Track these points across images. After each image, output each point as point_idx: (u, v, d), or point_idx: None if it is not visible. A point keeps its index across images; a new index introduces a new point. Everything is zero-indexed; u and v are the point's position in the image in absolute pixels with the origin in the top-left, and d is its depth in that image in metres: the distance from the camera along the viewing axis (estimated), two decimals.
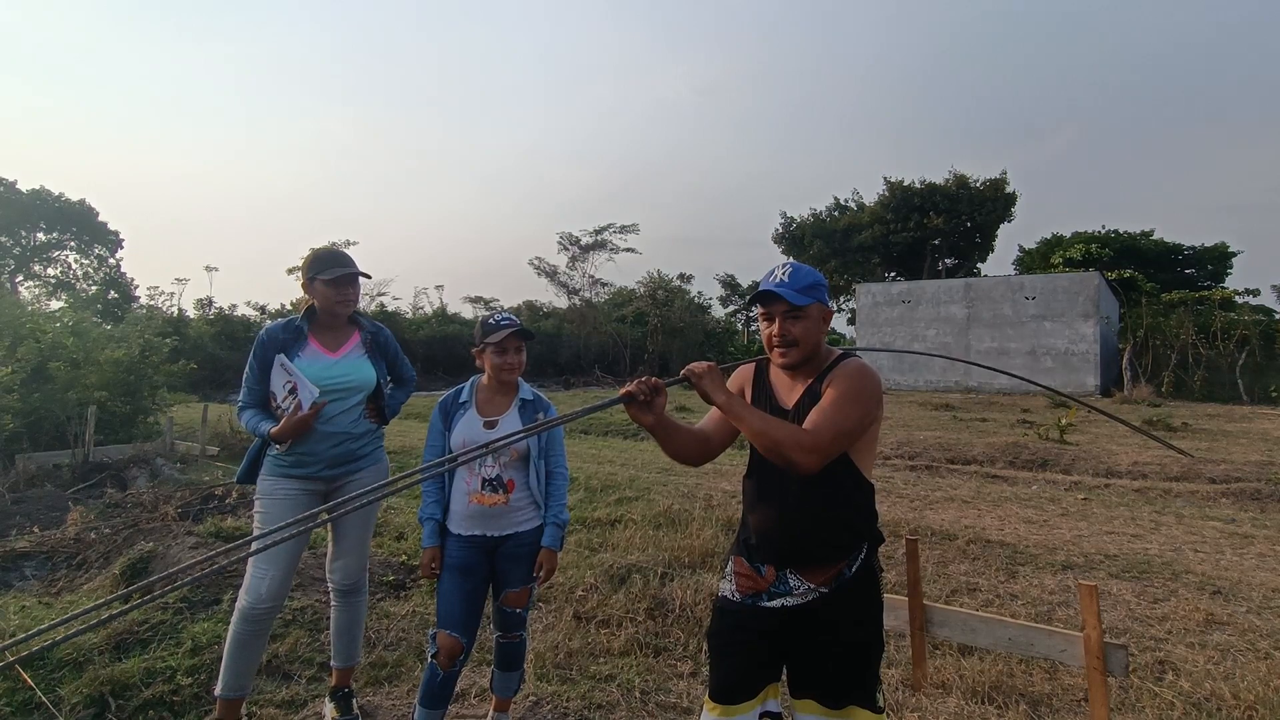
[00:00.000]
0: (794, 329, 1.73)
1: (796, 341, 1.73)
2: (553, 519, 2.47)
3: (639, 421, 1.68)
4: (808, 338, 1.74)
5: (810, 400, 1.73)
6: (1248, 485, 7.21)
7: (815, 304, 1.74)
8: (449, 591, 2.35)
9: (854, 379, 1.69)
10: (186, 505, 5.15)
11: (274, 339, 2.55)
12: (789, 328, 1.73)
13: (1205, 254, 31.05)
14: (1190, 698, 2.79)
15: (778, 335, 1.75)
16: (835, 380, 1.70)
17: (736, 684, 1.77)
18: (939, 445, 9.80)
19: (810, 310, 1.74)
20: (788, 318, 1.73)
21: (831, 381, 1.71)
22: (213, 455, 8.33)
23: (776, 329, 1.74)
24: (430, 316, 31.53)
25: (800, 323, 1.73)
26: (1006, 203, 32.39)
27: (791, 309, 1.72)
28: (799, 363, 1.76)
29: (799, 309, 1.72)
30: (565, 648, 3.23)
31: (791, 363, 1.77)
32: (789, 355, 1.75)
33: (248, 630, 2.44)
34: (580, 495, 6.38)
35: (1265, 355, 19.13)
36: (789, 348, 1.74)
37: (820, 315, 1.77)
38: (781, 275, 1.76)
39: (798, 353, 1.75)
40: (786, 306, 1.72)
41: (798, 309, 1.72)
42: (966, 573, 4.39)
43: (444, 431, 2.47)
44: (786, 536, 1.76)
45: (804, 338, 1.73)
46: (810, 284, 1.74)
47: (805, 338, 1.73)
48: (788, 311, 1.73)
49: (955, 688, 2.89)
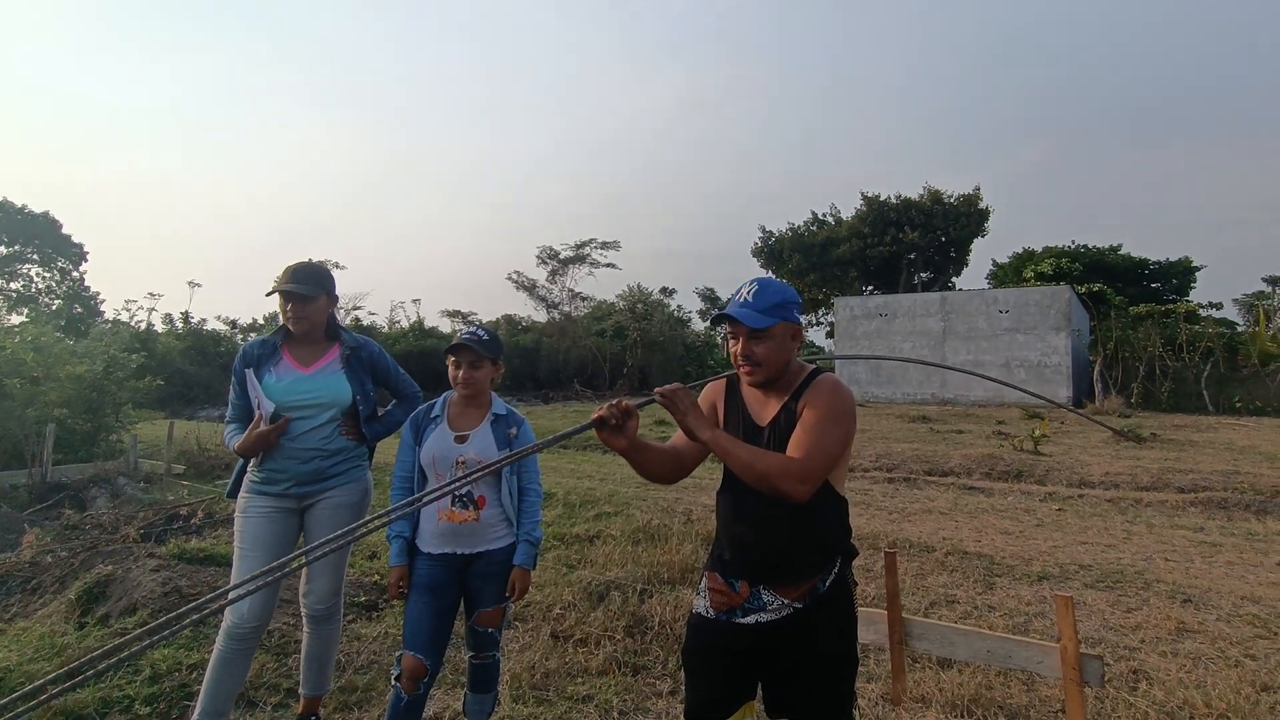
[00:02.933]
0: (758, 349, 1.71)
1: (761, 362, 1.72)
2: (525, 536, 2.43)
3: (612, 446, 1.65)
4: (772, 357, 1.72)
5: (786, 418, 1.72)
6: (1215, 494, 7.34)
7: (780, 323, 1.72)
8: (416, 612, 2.29)
9: (831, 399, 1.68)
10: (149, 526, 4.99)
11: (248, 355, 2.54)
12: (752, 348, 1.72)
13: (1170, 268, 31.88)
14: (1164, 707, 2.81)
15: (742, 355, 1.74)
16: (812, 401, 1.69)
17: (712, 702, 1.74)
18: (917, 457, 9.87)
19: (774, 330, 1.71)
20: (752, 338, 1.72)
21: (808, 402, 1.70)
22: (179, 474, 8.10)
23: (741, 349, 1.73)
24: (407, 330, 31.23)
25: (764, 343, 1.71)
26: (980, 218, 33.03)
27: (754, 330, 1.71)
28: (765, 381, 1.76)
29: (761, 330, 1.70)
30: (542, 668, 3.16)
31: (757, 382, 1.76)
32: (755, 375, 1.75)
33: (232, 648, 2.37)
34: (559, 511, 6.31)
35: (1228, 367, 19.61)
36: (754, 367, 1.73)
37: (787, 334, 1.75)
38: (746, 295, 1.75)
39: (763, 372, 1.74)
40: (749, 328, 1.71)
41: (760, 330, 1.70)
42: (945, 585, 4.39)
43: (414, 446, 2.43)
44: (761, 552, 1.75)
45: (767, 358, 1.72)
46: (776, 303, 1.72)
47: (769, 358, 1.72)
48: (751, 332, 1.72)
49: (935, 701, 2.88)
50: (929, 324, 22.59)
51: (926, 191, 33.11)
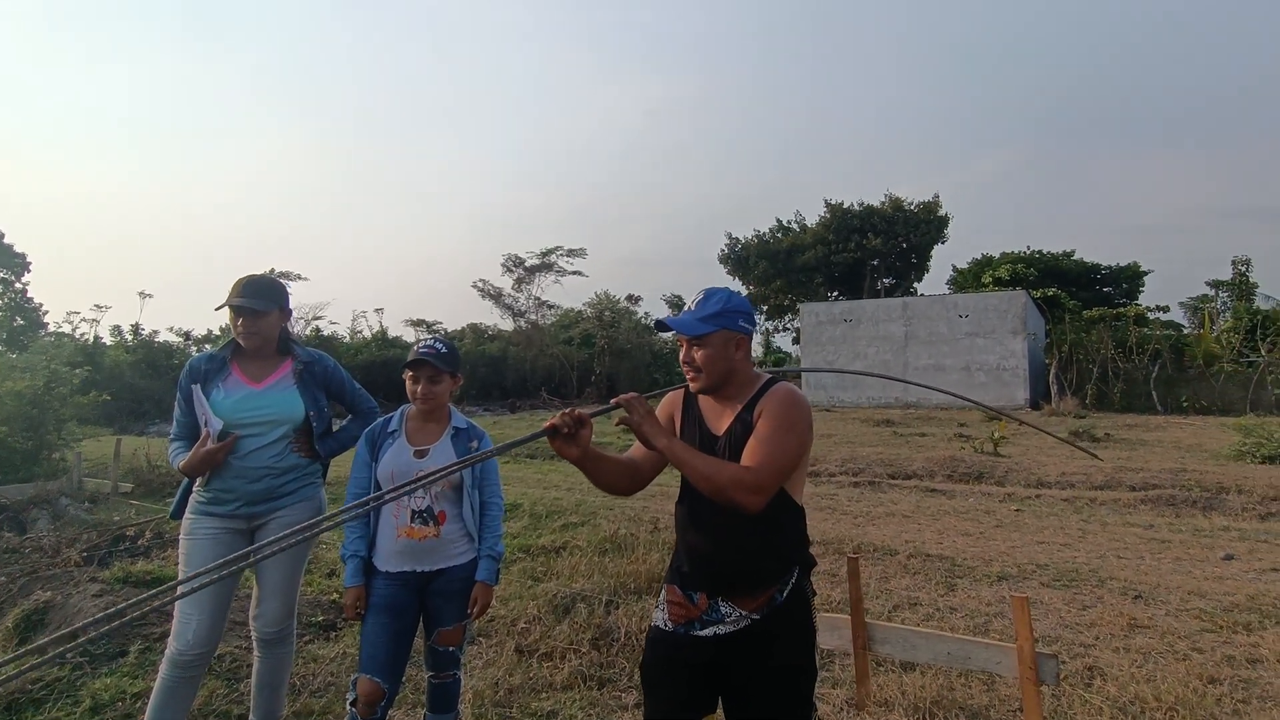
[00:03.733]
0: (697, 355, 1.75)
1: (701, 368, 1.75)
2: (487, 552, 2.38)
3: (564, 455, 1.63)
4: (711, 365, 1.74)
5: (741, 428, 1.73)
6: (1164, 492, 7.61)
7: (719, 331, 1.74)
8: (373, 633, 2.22)
9: (785, 409, 1.69)
10: (93, 549, 4.77)
11: (195, 371, 2.46)
12: (693, 354, 1.75)
13: (1120, 273, 33.09)
14: (1116, 702, 2.88)
15: (683, 361, 1.78)
16: (766, 410, 1.71)
17: (671, 716, 1.73)
18: (881, 461, 10.02)
19: (712, 338, 1.74)
20: (692, 345, 1.75)
21: (762, 411, 1.71)
22: (126, 493, 7.78)
23: (683, 355, 1.78)
24: (369, 340, 30.68)
25: (704, 350, 1.74)
26: (939, 224, 33.86)
27: (695, 337, 1.74)
28: (709, 388, 1.78)
29: (701, 337, 1.74)
30: (506, 684, 3.10)
31: (700, 388, 1.79)
32: (697, 380, 1.77)
33: (175, 676, 2.28)
34: (524, 522, 6.23)
35: (1175, 368, 20.40)
36: (695, 374, 1.76)
37: (729, 342, 1.76)
38: (691, 304, 1.80)
39: (704, 379, 1.76)
40: (692, 334, 1.74)
41: (699, 337, 1.74)
42: (908, 587, 4.45)
43: (369, 463, 2.36)
44: (718, 563, 1.75)
45: (707, 364, 1.74)
46: (715, 312, 1.75)
47: (709, 364, 1.74)
48: (691, 340, 1.75)
49: (898, 704, 2.90)
50: (892, 329, 23.03)
51: (888, 199, 33.85)
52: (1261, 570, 4.86)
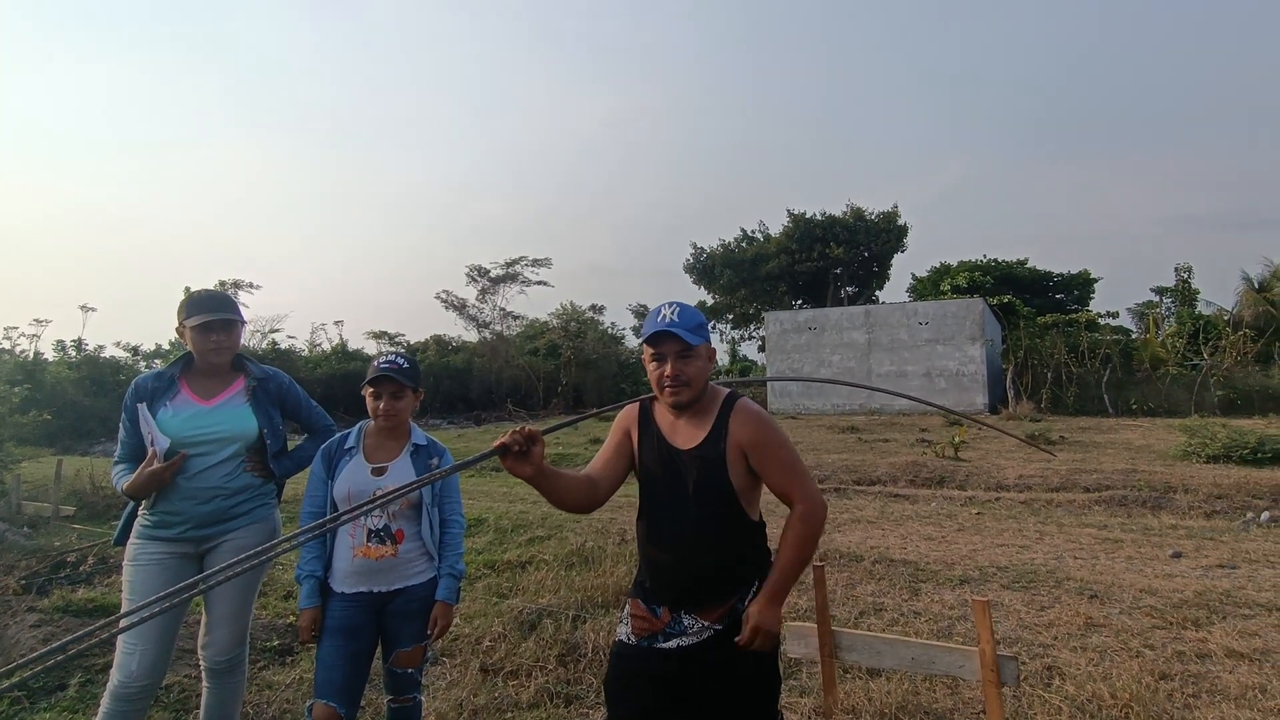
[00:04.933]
0: (687, 369, 1.74)
1: (689, 382, 1.74)
2: (448, 570, 2.32)
3: (517, 474, 1.59)
4: (698, 377, 1.75)
5: (716, 443, 1.73)
6: (1116, 492, 7.86)
7: (704, 344, 1.77)
8: (328, 657, 2.15)
9: (772, 429, 1.76)
10: (31, 576, 4.54)
11: (140, 389, 2.36)
12: (682, 368, 1.74)
13: (1071, 280, 34.20)
14: (1075, 701, 2.94)
15: (670, 376, 1.74)
16: (755, 436, 1.73)
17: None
18: (846, 467, 10.15)
19: (700, 350, 1.75)
20: (680, 358, 1.74)
21: (751, 438, 1.73)
22: (68, 516, 7.44)
23: (670, 370, 1.74)
24: (329, 354, 30.00)
25: (692, 363, 1.74)
26: (899, 234, 34.59)
27: (684, 349, 1.73)
28: (689, 402, 1.77)
29: (691, 349, 1.73)
30: (470, 705, 3.03)
31: (683, 402, 1.77)
32: (681, 395, 1.75)
33: (117, 710, 2.17)
34: (490, 537, 6.14)
35: (1125, 371, 21.14)
36: (682, 388, 1.74)
37: (708, 354, 1.79)
38: (670, 315, 1.76)
39: (690, 393, 1.75)
40: (680, 347, 1.73)
41: (690, 349, 1.73)
42: (873, 593, 4.49)
43: (326, 480, 2.29)
44: (680, 578, 1.75)
45: (696, 378, 1.75)
46: (698, 324, 1.77)
47: (697, 378, 1.75)
48: (680, 352, 1.73)
49: (865, 711, 2.92)
50: (855, 336, 23.42)
51: (849, 209, 34.47)
52: (1208, 567, 5.04)
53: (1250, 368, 19.88)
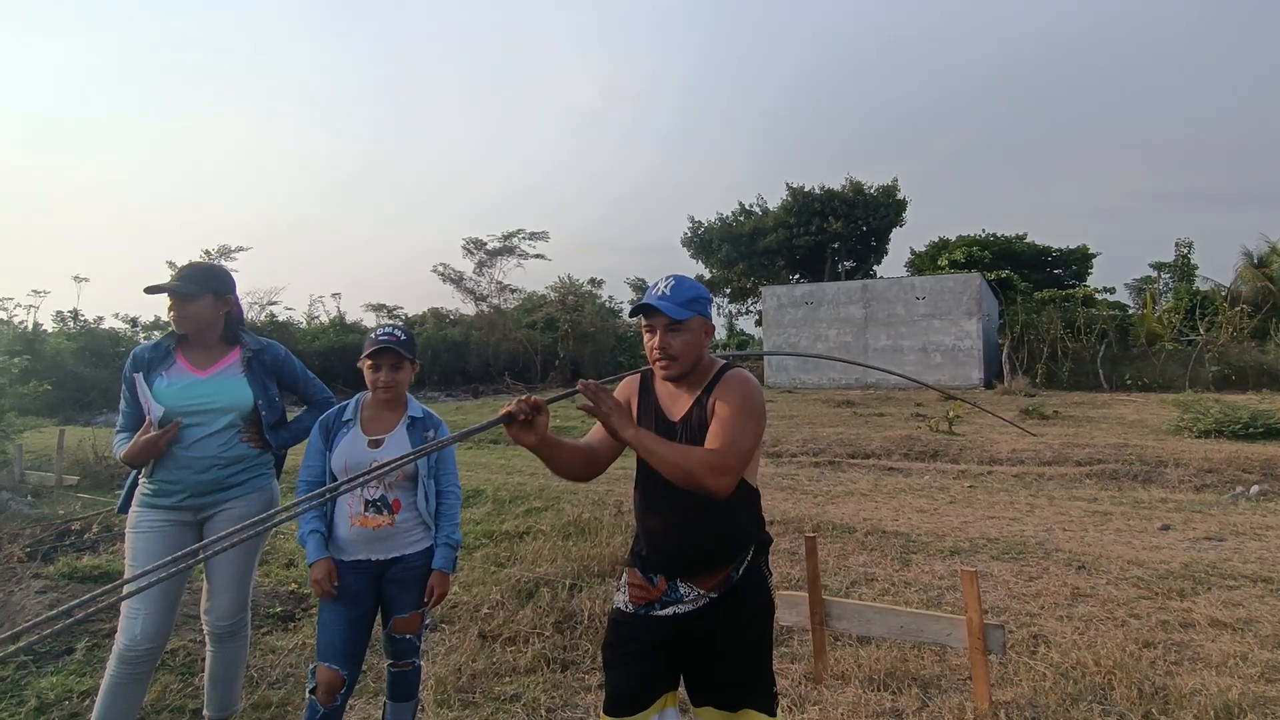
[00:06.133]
0: (674, 342, 1.74)
1: (677, 355, 1.74)
2: (444, 540, 2.36)
3: (521, 442, 1.60)
4: (688, 351, 1.75)
5: (699, 412, 1.75)
6: (1107, 466, 7.94)
7: (696, 317, 1.76)
8: (329, 622, 2.20)
9: (743, 394, 1.72)
10: (37, 544, 4.59)
11: (138, 359, 2.38)
12: (670, 341, 1.74)
13: (1070, 255, 34.11)
14: (1059, 667, 3.01)
15: (658, 349, 1.75)
16: (724, 395, 1.73)
17: (631, 694, 1.76)
18: (840, 441, 10.22)
19: (691, 324, 1.75)
20: (669, 331, 1.74)
21: (720, 396, 1.73)
22: (71, 485, 7.50)
23: (658, 342, 1.75)
24: (327, 326, 29.95)
25: (680, 336, 1.74)
26: (898, 208, 34.35)
27: (672, 323, 1.73)
28: (680, 375, 1.78)
29: (679, 323, 1.73)
30: (469, 670, 3.10)
31: (672, 375, 1.78)
32: (670, 368, 1.76)
33: (123, 673, 2.22)
34: (488, 508, 6.21)
35: (1120, 347, 21.21)
36: (670, 361, 1.75)
37: (701, 328, 1.78)
38: (664, 288, 1.77)
39: (678, 366, 1.76)
40: (667, 320, 1.73)
41: (678, 323, 1.73)
42: (865, 564, 4.57)
43: (323, 452, 2.32)
44: (676, 546, 1.78)
45: (684, 351, 1.74)
46: (691, 298, 1.75)
47: (685, 351, 1.75)
48: (669, 325, 1.73)
49: (854, 677, 2.99)
50: (852, 311, 23.40)
51: (848, 183, 34.17)
52: (1195, 539, 5.12)
53: (1246, 343, 19.94)
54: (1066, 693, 2.80)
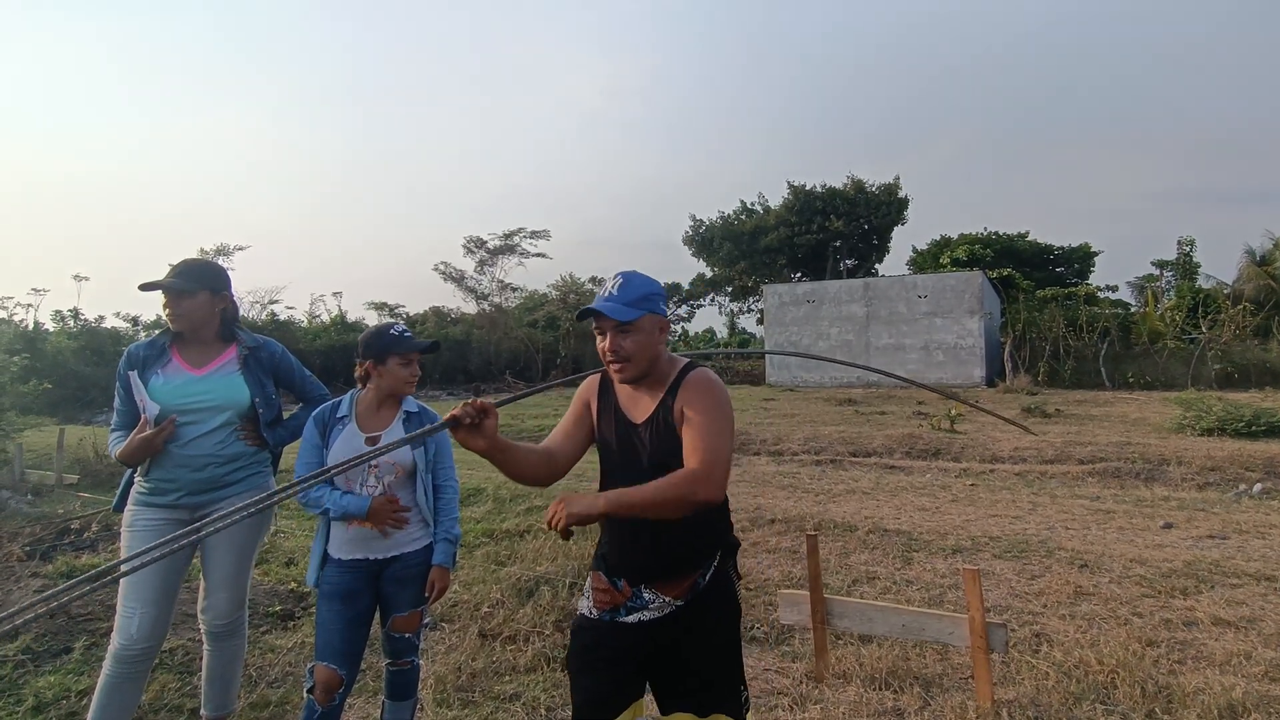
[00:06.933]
0: (626, 344, 1.66)
1: (630, 357, 1.67)
2: (444, 535, 2.35)
3: (469, 447, 1.54)
4: (641, 352, 1.68)
5: (664, 414, 1.69)
6: (1110, 465, 7.92)
7: (647, 316, 1.68)
8: (327, 621, 2.19)
9: (711, 397, 1.66)
10: (36, 543, 4.59)
11: (133, 357, 2.36)
12: (620, 343, 1.67)
13: (1072, 253, 34.04)
14: (1062, 666, 3.00)
15: (610, 352, 1.68)
16: (692, 400, 1.66)
17: (600, 703, 1.72)
18: (842, 439, 10.20)
19: (641, 323, 1.67)
20: (619, 333, 1.66)
21: (687, 401, 1.66)
22: (71, 484, 7.50)
23: (609, 345, 1.68)
24: (328, 325, 29.96)
25: (631, 337, 1.67)
26: (900, 206, 34.31)
27: (621, 325, 1.66)
28: (635, 377, 1.71)
29: (629, 324, 1.66)
30: (468, 669, 3.09)
31: (628, 378, 1.71)
32: (625, 371, 1.70)
33: (119, 672, 2.21)
34: (488, 506, 6.19)
35: (1123, 345, 21.17)
36: (624, 363, 1.68)
37: (654, 327, 1.70)
38: (612, 288, 1.70)
39: (633, 368, 1.69)
40: (615, 322, 1.66)
41: (628, 324, 1.65)
42: (866, 562, 4.55)
43: (320, 447, 2.30)
44: (640, 552, 1.73)
45: (637, 352, 1.67)
46: (641, 296, 1.68)
47: (638, 352, 1.68)
48: (618, 327, 1.66)
49: (855, 676, 2.97)
50: (853, 310, 23.38)
51: (850, 181, 34.12)
52: (1198, 538, 5.10)
53: (1249, 341, 19.89)
54: (1069, 691, 2.78)
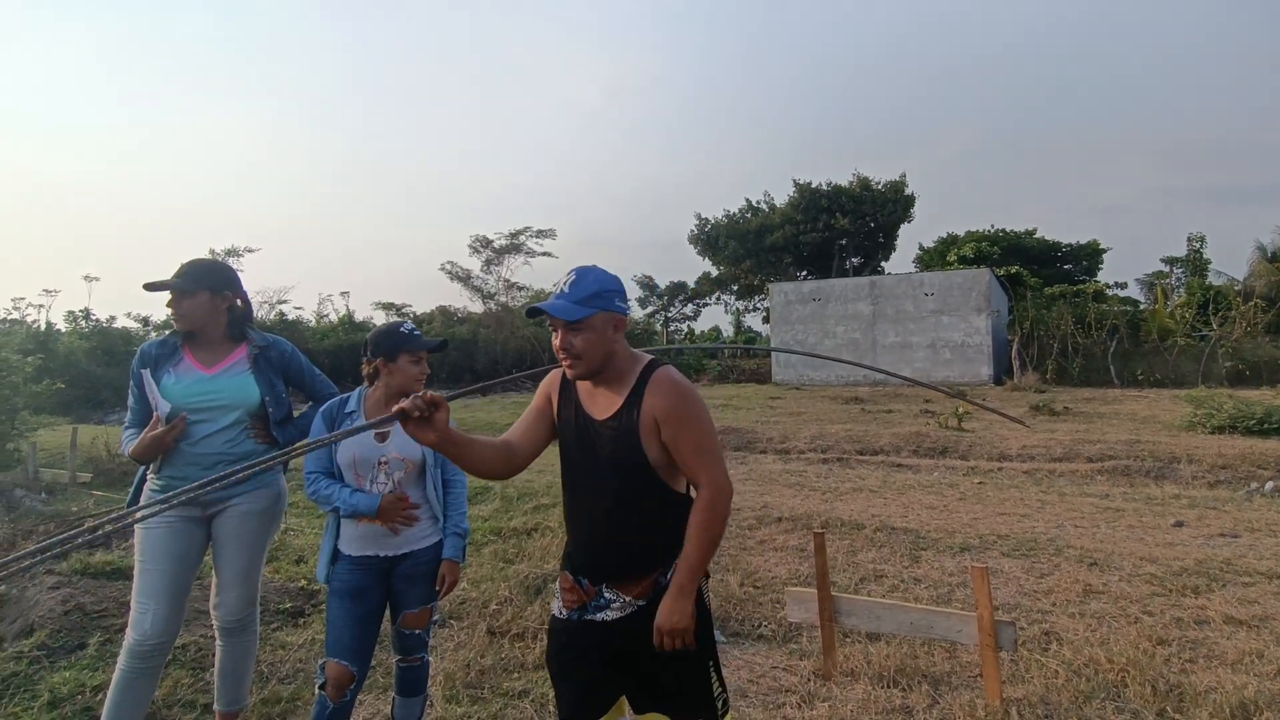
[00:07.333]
0: (576, 341, 1.66)
1: (581, 355, 1.67)
2: (453, 529, 2.38)
3: (420, 440, 1.54)
4: (592, 350, 1.67)
5: (628, 416, 1.68)
6: (1119, 463, 7.87)
7: (598, 314, 1.66)
8: (338, 618, 2.21)
9: (686, 404, 1.67)
10: (49, 541, 4.63)
11: (145, 356, 2.40)
12: (571, 340, 1.66)
13: (1080, 251, 33.81)
14: (1071, 665, 2.99)
15: (561, 348, 1.68)
16: (667, 412, 1.65)
17: (581, 703, 1.73)
18: (849, 438, 10.18)
19: (592, 321, 1.65)
20: (569, 330, 1.66)
21: (663, 413, 1.65)
22: (84, 482, 7.57)
23: (560, 341, 1.67)
24: (336, 325, 30.09)
25: (582, 335, 1.65)
26: (906, 204, 34.15)
27: (569, 323, 1.65)
28: (587, 374, 1.71)
29: (577, 322, 1.64)
30: (477, 665, 3.11)
31: (579, 375, 1.71)
32: (575, 368, 1.69)
33: (133, 668, 2.24)
34: (495, 505, 6.22)
35: (1132, 342, 21.03)
36: (575, 360, 1.68)
37: (608, 324, 1.68)
38: (564, 285, 1.69)
39: (584, 365, 1.68)
40: (564, 321, 1.65)
41: (575, 323, 1.64)
42: (874, 560, 4.55)
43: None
44: (599, 551, 1.74)
45: (587, 350, 1.66)
46: (592, 293, 1.66)
47: (589, 350, 1.66)
48: (568, 325, 1.66)
49: (863, 674, 2.98)
50: (860, 308, 23.30)
51: (856, 179, 33.99)
52: (1209, 536, 5.07)
53: (1260, 338, 19.72)
54: (1079, 690, 2.77)
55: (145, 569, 2.29)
